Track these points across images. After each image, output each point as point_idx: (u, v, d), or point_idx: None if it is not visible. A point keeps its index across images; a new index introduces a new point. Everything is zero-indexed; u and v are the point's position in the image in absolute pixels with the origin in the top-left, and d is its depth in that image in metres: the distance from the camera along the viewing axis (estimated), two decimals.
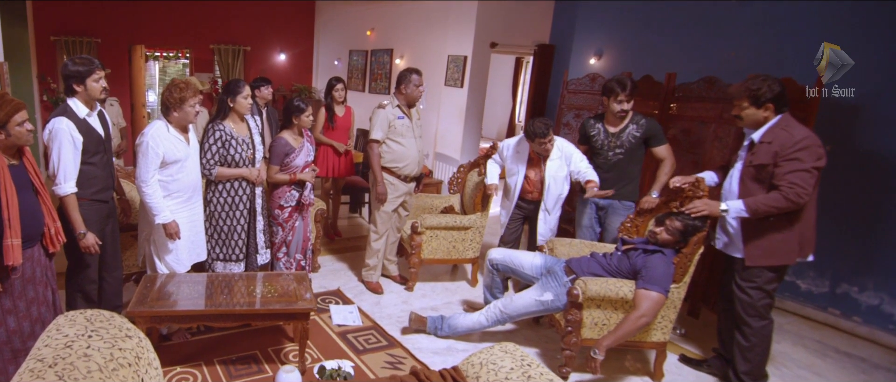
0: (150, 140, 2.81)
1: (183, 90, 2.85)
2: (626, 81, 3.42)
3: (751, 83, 2.71)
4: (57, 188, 2.57)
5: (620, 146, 3.55)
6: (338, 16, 9.81)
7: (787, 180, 2.61)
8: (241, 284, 2.92)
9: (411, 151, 3.88)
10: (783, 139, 2.64)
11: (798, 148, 2.59)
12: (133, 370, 1.41)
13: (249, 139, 3.29)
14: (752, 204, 2.68)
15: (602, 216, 3.74)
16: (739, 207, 2.73)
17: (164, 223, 2.87)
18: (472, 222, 4.11)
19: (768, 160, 2.67)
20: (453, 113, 6.73)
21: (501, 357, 2.06)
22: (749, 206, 2.69)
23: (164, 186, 2.89)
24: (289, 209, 3.60)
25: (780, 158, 2.63)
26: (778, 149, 2.64)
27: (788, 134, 2.64)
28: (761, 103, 2.69)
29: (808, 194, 2.60)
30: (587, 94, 5.05)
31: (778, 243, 2.75)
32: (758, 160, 2.72)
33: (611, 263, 3.07)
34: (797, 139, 2.60)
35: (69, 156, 2.55)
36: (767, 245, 2.75)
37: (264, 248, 3.49)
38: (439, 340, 3.35)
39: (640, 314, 2.75)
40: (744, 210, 2.71)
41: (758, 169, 2.72)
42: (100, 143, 2.73)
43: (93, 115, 2.72)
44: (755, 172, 2.74)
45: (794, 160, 2.60)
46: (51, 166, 2.57)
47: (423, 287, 4.20)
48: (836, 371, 3.40)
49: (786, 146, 2.62)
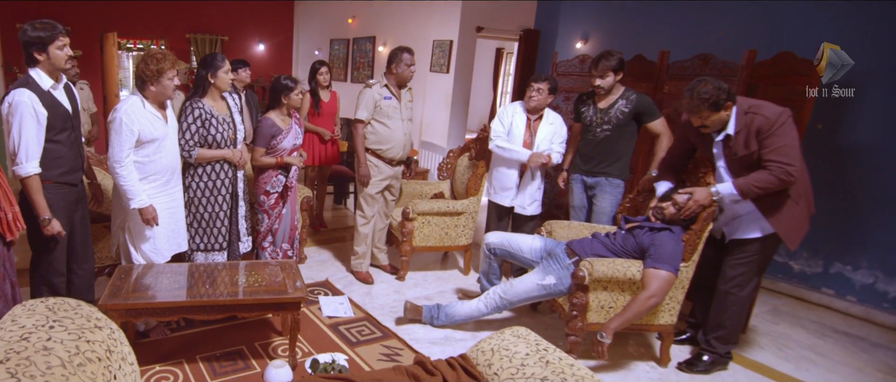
0: (123, 116, 2.55)
1: (160, 61, 2.60)
2: (602, 55, 3.33)
3: (701, 93, 2.60)
4: (17, 168, 2.30)
5: (607, 122, 3.44)
6: (318, 5, 9.56)
7: (771, 160, 2.58)
8: (225, 274, 2.72)
9: (397, 133, 3.71)
10: (757, 122, 2.60)
11: (777, 125, 2.56)
12: (103, 365, 1.22)
13: (230, 118, 3.06)
14: (743, 185, 2.64)
15: (590, 196, 3.64)
16: (730, 189, 2.68)
17: (140, 208, 2.63)
18: (464, 206, 3.96)
19: (753, 146, 2.63)
20: (439, 100, 6.56)
21: (514, 343, 1.91)
22: (740, 187, 2.65)
23: (139, 167, 2.65)
24: (275, 195, 3.39)
25: (761, 138, 2.60)
26: (756, 131, 2.61)
27: (759, 116, 2.60)
28: (721, 106, 2.62)
29: (797, 170, 2.57)
30: (577, 76, 4.92)
31: (800, 217, 2.74)
32: (741, 151, 2.67)
33: (615, 243, 2.94)
34: (772, 118, 2.57)
35: (32, 132, 2.29)
36: (797, 224, 2.73)
37: (246, 235, 3.26)
38: (436, 330, 3.19)
39: (650, 294, 2.62)
40: (734, 193, 2.67)
41: (744, 160, 2.68)
42: (67, 119, 2.47)
43: (58, 88, 2.45)
44: (743, 161, 2.69)
45: (774, 136, 2.57)
46: (10, 144, 2.30)
47: (415, 277, 4.04)
48: (837, 351, 3.33)
49: (763, 128, 2.59)
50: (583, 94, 3.65)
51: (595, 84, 3.39)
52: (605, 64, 3.32)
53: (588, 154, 3.55)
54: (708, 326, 2.98)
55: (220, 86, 2.98)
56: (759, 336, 3.43)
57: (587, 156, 3.56)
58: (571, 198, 3.73)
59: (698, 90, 2.61)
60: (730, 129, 2.68)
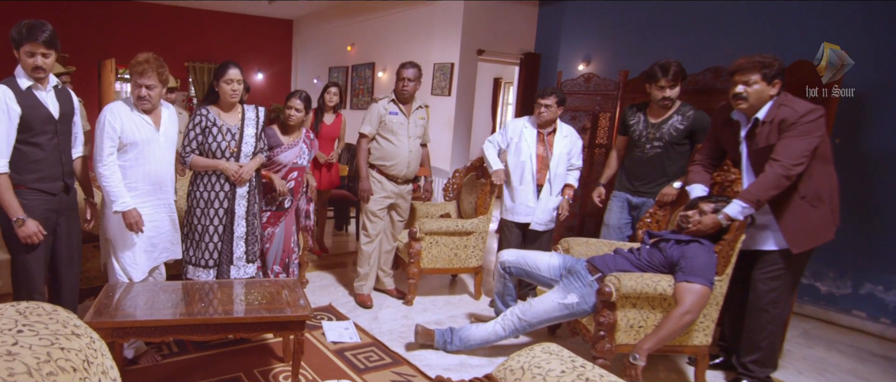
0: (107, 114, 2.45)
1: (133, 65, 2.49)
2: (670, 65, 3.09)
3: (761, 57, 2.49)
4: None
5: (659, 139, 3.21)
6: (317, 33, 9.54)
7: (776, 158, 2.42)
8: (222, 291, 2.50)
9: (402, 150, 3.55)
10: (784, 114, 2.45)
11: (801, 121, 2.41)
12: (79, 376, 1.01)
13: (238, 131, 2.85)
14: (751, 196, 2.45)
15: (635, 217, 3.40)
16: (739, 206, 2.48)
17: (122, 212, 2.44)
18: (474, 226, 3.76)
19: (773, 139, 2.47)
20: (442, 122, 6.44)
21: (546, 360, 1.69)
22: (748, 198, 2.45)
23: (121, 172, 2.49)
24: (268, 214, 3.19)
25: (781, 132, 2.45)
26: (780, 123, 2.45)
27: (789, 108, 2.46)
28: (772, 79, 2.46)
29: (800, 160, 2.40)
30: (583, 94, 4.83)
31: (816, 221, 2.55)
32: (763, 142, 2.50)
33: (640, 258, 2.74)
34: (800, 113, 2.42)
35: (1, 128, 2.16)
36: (808, 227, 2.55)
37: (243, 261, 2.94)
38: (450, 355, 2.95)
39: (685, 310, 2.41)
40: (746, 206, 2.46)
41: (765, 152, 2.50)
42: (48, 121, 2.30)
43: (43, 89, 2.30)
44: (763, 155, 2.50)
45: (792, 133, 2.42)
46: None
47: (423, 302, 3.81)
48: (880, 376, 3.11)
49: (788, 120, 2.43)
50: (632, 105, 3.45)
51: (664, 95, 3.13)
52: (675, 70, 3.08)
53: (635, 172, 3.33)
54: (742, 348, 2.76)
55: (222, 96, 2.82)
56: (795, 360, 3.21)
57: (634, 174, 3.34)
58: (609, 216, 3.48)
59: (756, 55, 2.50)
60: (761, 114, 2.53)
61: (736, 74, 2.56)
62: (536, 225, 3.64)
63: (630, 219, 3.42)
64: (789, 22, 4.13)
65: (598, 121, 4.72)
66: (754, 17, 4.36)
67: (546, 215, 3.63)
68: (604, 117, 4.67)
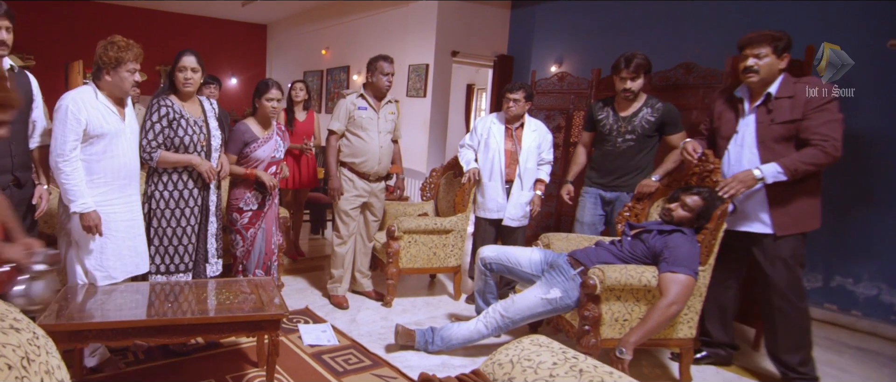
0: (69, 103, 2.21)
1: (122, 49, 2.28)
2: (634, 57, 3.07)
3: (770, 31, 2.51)
4: None
5: (631, 132, 3.19)
6: (291, 37, 9.40)
7: (820, 134, 2.40)
8: (191, 292, 2.37)
9: (372, 146, 3.46)
10: (812, 91, 2.46)
11: (828, 99, 2.43)
12: (15, 375, 0.90)
13: (203, 122, 2.72)
14: (791, 164, 2.42)
15: (608, 212, 3.36)
16: (776, 170, 2.45)
17: (80, 213, 2.24)
18: (453, 224, 3.69)
19: (798, 114, 2.45)
20: (417, 124, 6.37)
21: (537, 352, 1.62)
22: (787, 167, 2.42)
23: (87, 168, 2.28)
24: (249, 214, 3.06)
25: (809, 109, 2.43)
26: (807, 99, 2.44)
27: (813, 85, 2.48)
28: (781, 52, 2.49)
29: (841, 148, 2.41)
30: (557, 93, 4.83)
31: (807, 207, 2.56)
32: (783, 117, 2.49)
33: (623, 250, 2.71)
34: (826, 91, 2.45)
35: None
36: (796, 212, 2.55)
37: (216, 257, 2.86)
38: (431, 356, 2.87)
39: (670, 301, 2.37)
40: (781, 172, 2.44)
41: (786, 126, 2.49)
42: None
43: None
44: (783, 130, 2.50)
45: (826, 111, 2.41)
46: None
47: (402, 303, 3.72)
48: (857, 366, 3.13)
49: (815, 97, 2.43)
50: (599, 100, 3.42)
51: (625, 87, 3.12)
52: (638, 62, 3.07)
53: (607, 167, 3.29)
54: (782, 351, 2.66)
55: (176, 85, 2.64)
56: None
57: (606, 168, 3.29)
58: (581, 213, 3.43)
59: (765, 30, 2.52)
60: (772, 89, 2.53)
61: (746, 47, 2.55)
62: (509, 221, 3.61)
63: (603, 214, 3.38)
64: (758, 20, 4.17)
65: (573, 119, 4.72)
66: (723, 15, 4.41)
67: (518, 210, 3.60)
68: (578, 116, 4.67)
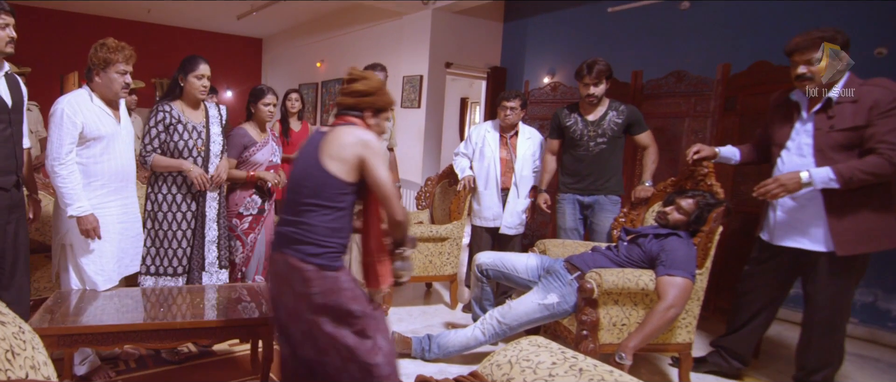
0: (65, 107, 2.21)
1: (111, 51, 2.28)
2: (595, 63, 3.13)
3: (818, 32, 2.25)
4: None
5: (602, 135, 3.24)
6: (286, 51, 9.44)
7: (887, 142, 2.13)
8: (184, 297, 2.33)
9: None
10: (876, 94, 2.17)
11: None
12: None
13: (204, 128, 2.71)
14: (847, 171, 2.17)
15: (587, 215, 3.38)
16: (827, 175, 2.20)
17: (78, 216, 2.22)
18: (448, 231, 3.67)
19: (862, 121, 2.19)
20: (412, 135, 6.39)
21: (535, 352, 1.60)
22: (841, 173, 2.17)
23: (84, 170, 2.27)
24: (249, 219, 3.04)
25: (875, 114, 2.16)
26: (872, 105, 2.17)
27: (881, 88, 2.19)
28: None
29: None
30: (550, 103, 4.87)
31: (876, 223, 2.25)
32: (844, 123, 2.23)
33: (619, 255, 2.70)
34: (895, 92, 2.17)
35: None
36: (863, 228, 2.25)
37: (216, 267, 2.81)
38: (428, 363, 2.83)
39: (668, 304, 2.36)
40: (834, 179, 2.19)
41: (847, 134, 2.24)
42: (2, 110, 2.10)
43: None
44: (843, 138, 2.25)
45: (894, 117, 2.14)
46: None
47: (398, 312, 3.68)
48: (857, 373, 3.10)
49: (883, 101, 2.15)
50: (564, 107, 3.45)
51: (588, 92, 3.17)
52: (600, 68, 3.13)
53: (582, 171, 3.31)
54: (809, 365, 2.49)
55: (189, 91, 2.66)
56: (774, 360, 3.18)
57: (580, 173, 3.32)
58: (562, 220, 3.44)
59: (814, 31, 2.27)
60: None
61: (794, 54, 2.33)
62: (506, 229, 3.60)
63: (582, 218, 3.41)
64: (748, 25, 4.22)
65: None
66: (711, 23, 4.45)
67: (515, 218, 3.59)
68: None
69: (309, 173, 1.78)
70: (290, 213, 1.80)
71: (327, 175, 1.75)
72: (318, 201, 1.75)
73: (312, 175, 1.77)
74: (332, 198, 1.76)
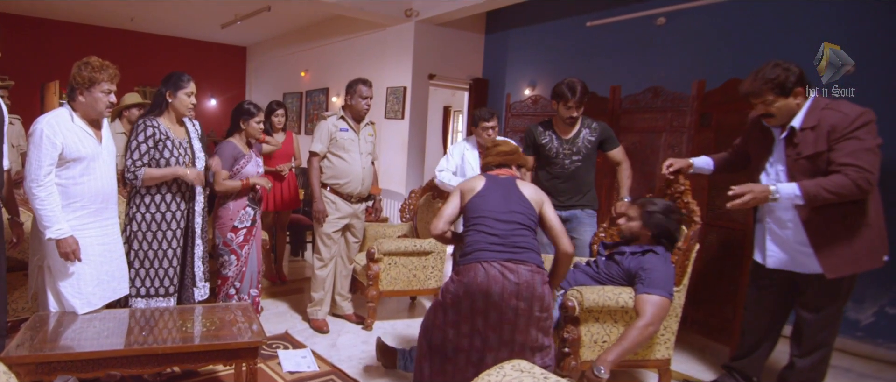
0: (44, 127, 2.17)
1: (96, 70, 2.26)
2: (577, 86, 3.18)
3: (765, 74, 2.30)
4: None
5: (577, 153, 3.31)
6: (270, 60, 9.42)
7: (848, 163, 2.18)
8: (168, 319, 2.33)
9: (355, 167, 3.48)
10: (833, 119, 2.23)
11: (856, 126, 2.20)
12: None
13: (188, 144, 2.71)
14: (812, 189, 2.22)
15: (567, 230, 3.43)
16: (793, 191, 2.26)
17: (57, 239, 2.19)
18: (433, 245, 3.70)
19: (822, 147, 2.25)
20: (396, 146, 6.41)
21: (518, 377, 1.61)
22: (807, 191, 2.23)
23: (63, 191, 2.24)
24: (244, 232, 3.05)
25: (833, 139, 2.22)
26: (829, 130, 2.23)
27: (837, 112, 2.24)
28: (790, 91, 2.28)
29: (875, 178, 2.20)
30: (531, 116, 4.94)
31: (860, 243, 2.29)
32: (808, 150, 2.28)
33: (599, 271, 2.75)
34: (852, 117, 2.21)
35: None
36: (848, 250, 2.29)
37: (203, 281, 2.81)
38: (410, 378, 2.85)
39: (647, 322, 2.40)
40: (799, 195, 2.25)
41: (811, 160, 2.29)
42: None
43: None
44: (808, 164, 2.30)
45: (853, 139, 2.19)
46: None
47: (383, 326, 3.69)
48: None
49: (839, 126, 2.21)
50: (537, 124, 3.50)
51: (572, 115, 3.23)
52: (581, 91, 3.18)
53: (559, 188, 3.36)
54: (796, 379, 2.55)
55: (177, 107, 2.66)
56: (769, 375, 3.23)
57: (558, 189, 3.36)
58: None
59: (763, 72, 2.30)
60: (795, 122, 2.32)
61: (750, 97, 2.38)
62: None
63: None
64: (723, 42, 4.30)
65: None
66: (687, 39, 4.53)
67: None
68: None
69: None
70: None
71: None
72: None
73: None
74: None
